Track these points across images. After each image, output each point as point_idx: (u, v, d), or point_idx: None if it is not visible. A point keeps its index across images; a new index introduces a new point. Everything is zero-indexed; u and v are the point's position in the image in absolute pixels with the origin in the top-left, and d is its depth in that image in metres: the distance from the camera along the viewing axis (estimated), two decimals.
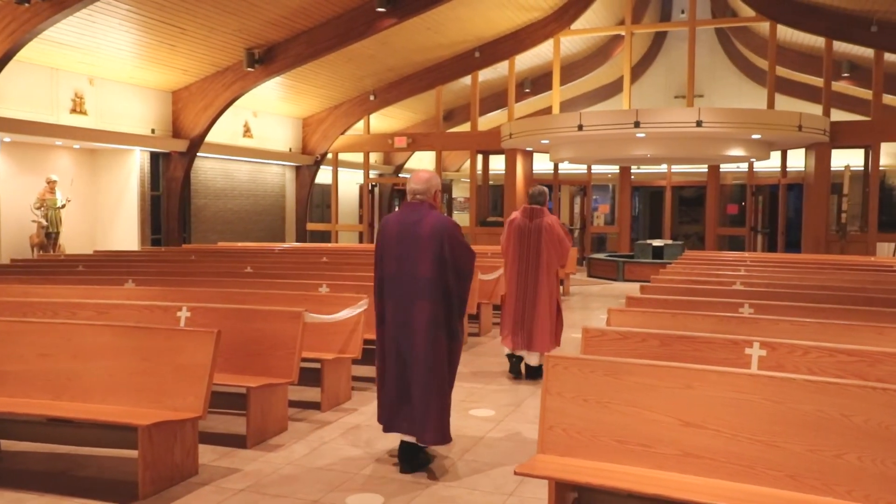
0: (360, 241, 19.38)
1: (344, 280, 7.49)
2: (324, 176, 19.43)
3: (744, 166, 19.40)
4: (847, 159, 16.17)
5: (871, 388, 3.02)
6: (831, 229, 15.09)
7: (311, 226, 18.90)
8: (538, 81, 19.73)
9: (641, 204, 24.80)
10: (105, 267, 9.22)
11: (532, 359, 6.72)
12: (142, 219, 14.68)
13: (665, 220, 18.05)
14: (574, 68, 19.26)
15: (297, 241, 18.38)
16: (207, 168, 16.39)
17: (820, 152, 14.74)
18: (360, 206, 21.27)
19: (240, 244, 14.85)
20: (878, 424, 2.97)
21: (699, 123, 12.84)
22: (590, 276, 16.04)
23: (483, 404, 5.86)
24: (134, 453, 4.24)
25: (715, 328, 4.87)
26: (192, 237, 15.92)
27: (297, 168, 18.69)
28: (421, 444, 4.35)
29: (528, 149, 16.89)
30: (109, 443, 4.22)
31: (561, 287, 9.70)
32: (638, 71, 22.22)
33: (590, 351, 4.39)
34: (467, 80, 17.70)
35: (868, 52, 15.32)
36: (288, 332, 5.08)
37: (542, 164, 18.43)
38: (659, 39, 23.02)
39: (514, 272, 6.82)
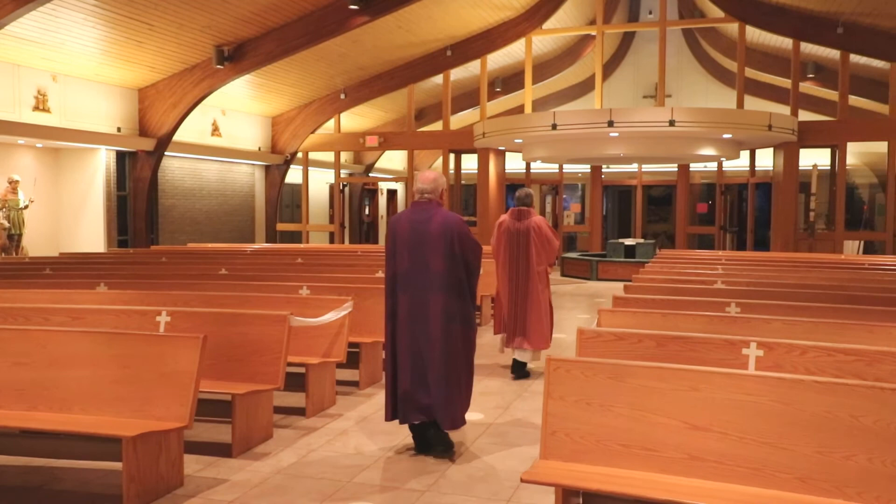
0: (332, 241, 19.17)
1: (324, 282, 7.35)
2: (293, 175, 19.19)
3: (711, 166, 19.62)
4: (813, 159, 16.42)
5: (880, 389, 2.99)
6: (800, 227, 15.30)
7: (281, 226, 18.65)
8: (509, 81, 19.71)
9: (610, 203, 24.96)
10: (73, 270, 8.95)
11: (524, 356, 6.79)
12: (108, 220, 14.33)
13: (636, 219, 18.14)
14: (544, 68, 19.28)
15: (266, 241, 18.13)
16: (175, 167, 16.07)
17: (788, 152, 14.94)
18: (331, 205, 21.07)
19: (210, 245, 14.58)
20: (887, 425, 2.95)
21: (672, 123, 12.91)
22: (563, 275, 16.06)
23: (472, 407, 5.76)
24: (115, 465, 4.09)
25: (707, 328, 4.84)
26: (160, 238, 15.59)
27: (267, 167, 18.43)
28: (443, 427, 4.57)
29: (500, 148, 16.85)
30: (90, 455, 4.05)
31: None
32: (606, 71, 22.31)
33: (585, 353, 4.33)
34: (438, 79, 17.61)
35: (832, 54, 15.56)
36: (273, 336, 4.94)
37: (514, 163, 18.42)
38: (627, 40, 23.18)
39: (506, 274, 6.88)
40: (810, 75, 16.96)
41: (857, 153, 19.93)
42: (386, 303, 4.72)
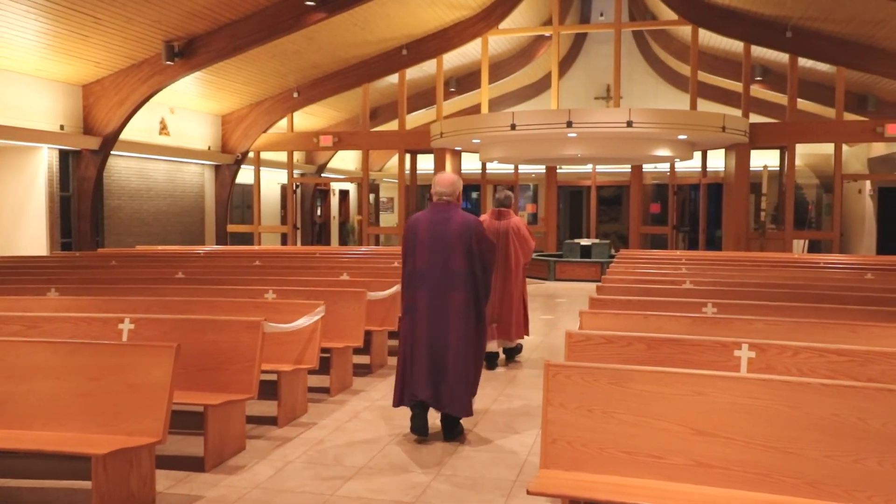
0: (284, 242, 18.78)
1: (290, 285, 7.11)
2: (244, 176, 18.75)
3: (661, 166, 19.89)
4: (761, 160, 16.75)
5: (888, 391, 2.96)
6: (751, 227, 15.58)
7: (232, 227, 18.20)
8: (463, 81, 19.65)
9: (561, 203, 25.12)
10: (18, 275, 8.50)
11: (509, 343, 7.32)
12: (50, 221, 13.73)
13: (591, 219, 18.25)
14: (498, 68, 19.24)
15: (217, 243, 17.65)
16: (122, 167, 15.51)
17: (740, 153, 15.20)
18: (283, 206, 20.66)
19: (160, 248, 14.12)
20: None
21: (630, 124, 12.99)
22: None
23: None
24: (81, 484, 3.83)
25: (691, 330, 4.81)
26: (106, 241, 15.02)
27: (217, 167, 17.96)
28: (454, 415, 4.89)
29: (457, 148, 16.75)
30: (55, 474, 3.79)
31: None
32: (558, 73, 22.45)
33: (574, 356, 4.23)
34: (393, 78, 17.42)
35: (779, 57, 15.90)
36: (246, 343, 4.72)
37: (470, 163, 18.34)
38: (578, 42, 23.35)
39: None
40: (758, 78, 17.31)
41: (800, 155, 20.35)
42: (403, 298, 5.08)
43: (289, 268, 9.18)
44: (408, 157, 17.82)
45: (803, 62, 15.28)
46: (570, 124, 13.12)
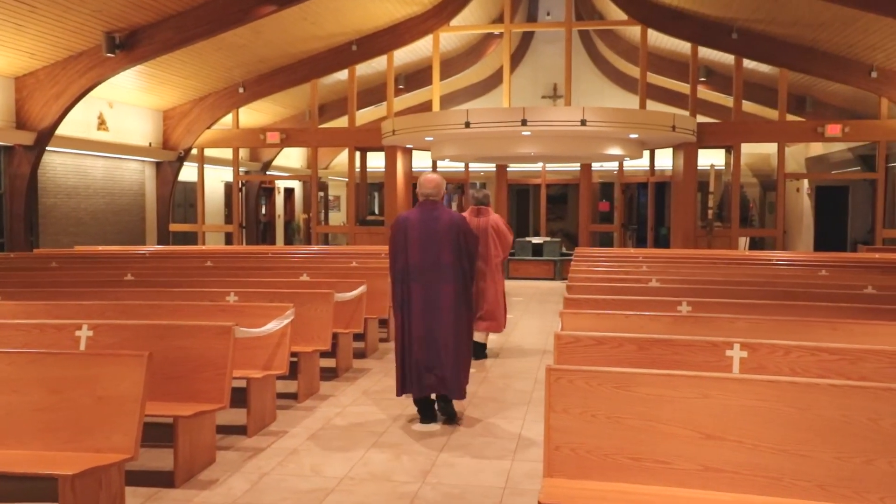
0: (229, 242, 18.28)
1: (250, 287, 6.84)
2: (186, 173, 18.15)
3: (607, 165, 20.06)
4: (707, 160, 17.05)
5: None
6: (698, 225, 15.82)
7: (174, 226, 17.59)
8: (411, 78, 19.44)
9: (509, 201, 25.17)
10: None
11: (481, 337, 7.49)
12: None
13: (541, 217, 18.29)
14: (446, 66, 19.07)
15: (158, 243, 17.05)
16: (57, 164, 14.81)
17: (688, 152, 15.42)
18: (226, 205, 20.11)
19: (100, 248, 13.55)
20: None
21: (584, 122, 13.02)
22: None
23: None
24: None
25: (672, 329, 4.76)
26: (42, 241, 14.32)
27: (158, 164, 17.33)
28: (451, 398, 5.29)
29: (408, 146, 16.56)
30: (14, 496, 3.48)
31: None
32: (502, 73, 22.47)
33: (564, 359, 4.13)
34: (340, 74, 17.12)
35: (722, 58, 16.19)
36: (216, 349, 4.47)
37: (420, 161, 18.18)
38: (525, 41, 23.42)
39: None
40: (702, 79, 17.60)
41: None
42: (394, 292, 5.36)
43: (244, 269, 8.87)
44: (357, 154, 17.52)
45: (745, 63, 15.57)
46: (524, 122, 13.08)
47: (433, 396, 5.39)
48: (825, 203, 19.38)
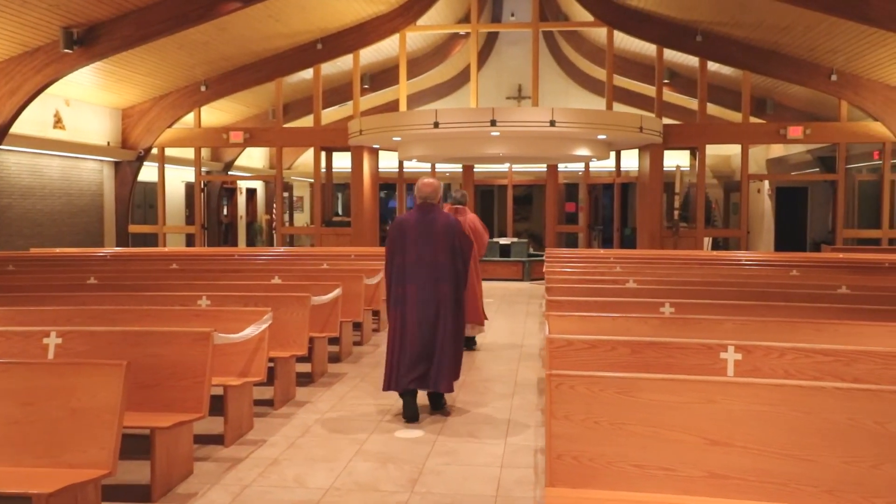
0: (190, 244, 17.88)
1: (221, 290, 6.64)
2: (145, 173, 17.69)
3: (571, 166, 20.11)
4: (672, 161, 17.19)
5: None
6: (664, 225, 15.94)
7: (134, 228, 17.13)
8: (376, 78, 19.27)
9: (475, 202, 25.12)
10: None
11: (481, 329, 7.95)
12: None
13: (508, 218, 18.27)
14: (411, 66, 18.94)
15: (117, 245, 16.60)
16: (12, 163, 14.31)
17: (654, 153, 15.53)
18: (187, 206, 19.69)
19: (58, 250, 13.13)
20: None
21: (553, 123, 13.02)
22: None
23: (405, 423, 5.35)
24: None
25: (660, 331, 4.72)
26: None
27: (117, 164, 16.87)
28: (440, 391, 5.49)
29: (375, 146, 16.39)
30: None
31: None
32: (467, 73, 22.41)
33: (557, 363, 4.05)
34: (304, 73, 16.88)
35: (685, 60, 16.34)
36: (194, 356, 4.29)
37: (386, 161, 18.02)
38: (490, 42, 23.40)
39: None
40: (665, 81, 17.75)
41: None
42: (390, 291, 5.57)
43: (212, 271, 8.64)
44: (323, 154, 17.29)
45: (708, 66, 15.72)
46: (493, 123, 13.02)
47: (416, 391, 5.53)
48: (785, 204, 19.73)
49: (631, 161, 17.64)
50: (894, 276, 8.27)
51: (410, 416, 5.34)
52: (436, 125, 13.32)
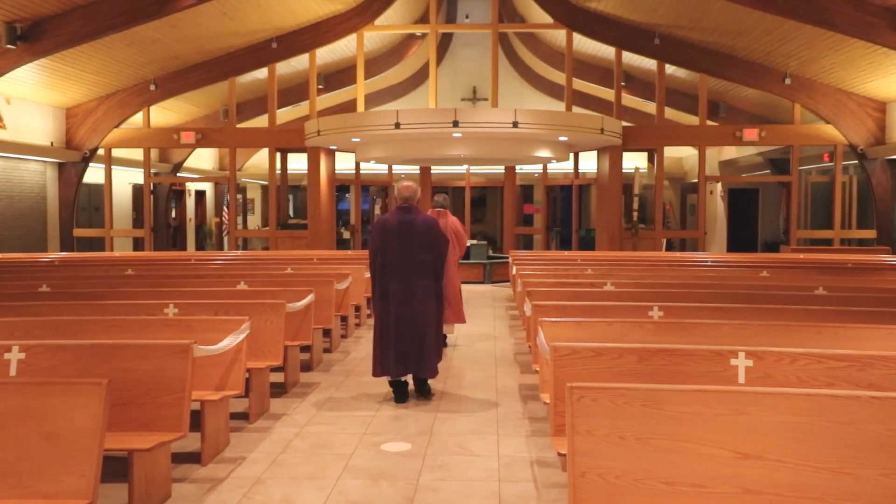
0: (138, 248, 17.24)
1: (187, 298, 6.29)
2: (91, 174, 16.98)
3: (527, 168, 20.04)
4: (629, 163, 17.27)
5: None
6: (623, 227, 15.98)
7: (79, 231, 16.42)
8: (331, 78, 18.92)
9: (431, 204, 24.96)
10: None
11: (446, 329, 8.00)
12: None
13: (465, 220, 18.08)
14: (366, 66, 18.66)
15: (62, 249, 15.89)
16: None
17: (613, 155, 15.57)
18: (134, 208, 19.01)
19: (0, 255, 12.45)
20: None
21: (516, 124, 12.91)
22: None
23: (389, 435, 5.12)
24: None
25: (657, 337, 4.61)
26: None
27: (61, 165, 16.16)
28: (424, 377, 6.02)
29: (332, 147, 16.05)
30: None
31: None
32: (423, 74, 22.25)
33: (562, 372, 3.88)
34: (257, 73, 16.44)
35: (642, 63, 16.45)
36: (173, 370, 3.99)
37: (343, 163, 17.68)
38: (444, 44, 23.23)
39: None
40: (622, 84, 17.85)
41: (645, 158, 21.19)
42: (374, 286, 6.02)
43: (171, 277, 8.24)
44: (278, 155, 16.86)
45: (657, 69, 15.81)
46: (456, 124, 12.84)
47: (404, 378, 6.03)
48: (737, 205, 20.06)
49: (587, 163, 17.67)
50: (864, 276, 8.38)
51: (400, 399, 5.89)
52: (397, 126, 13.08)
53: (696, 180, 20.99)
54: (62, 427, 3.10)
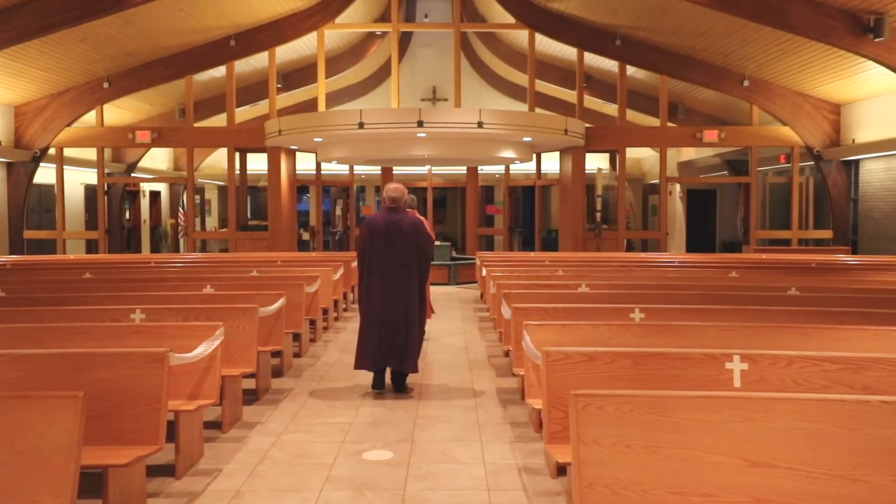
0: (91, 250, 16.71)
1: (155, 303, 6.04)
2: (40, 175, 16.39)
3: (487, 169, 20.01)
4: (589, 164, 17.33)
5: None
6: (586, 228, 16.02)
7: (29, 234, 15.83)
8: (289, 77, 18.60)
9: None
10: None
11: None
12: None
13: (428, 220, 17.95)
14: (326, 65, 18.40)
15: (11, 252, 15.30)
16: None
17: (576, 156, 15.60)
18: (87, 210, 18.44)
19: None
20: None
21: (481, 125, 12.84)
22: None
23: (369, 444, 4.97)
24: None
25: (643, 340, 4.55)
26: None
27: (10, 165, 15.56)
28: (404, 372, 6.22)
29: (293, 147, 15.77)
30: None
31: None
32: (384, 74, 22.08)
33: (555, 377, 3.78)
34: (214, 71, 16.07)
35: (602, 65, 16.54)
36: (147, 380, 3.79)
37: (303, 163, 17.41)
38: (403, 44, 23.04)
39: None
40: (583, 84, 17.92)
41: (605, 159, 21.31)
42: (360, 282, 6.31)
43: (133, 280, 7.95)
44: (237, 155, 16.50)
45: (622, 70, 15.92)
46: (421, 124, 12.72)
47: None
48: (695, 206, 20.33)
49: (548, 164, 17.71)
50: (832, 276, 8.49)
51: (378, 387, 6.19)
52: (361, 126, 12.89)
53: (656, 181, 21.29)
54: (34, 444, 2.89)
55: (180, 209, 21.17)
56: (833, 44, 11.29)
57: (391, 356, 6.10)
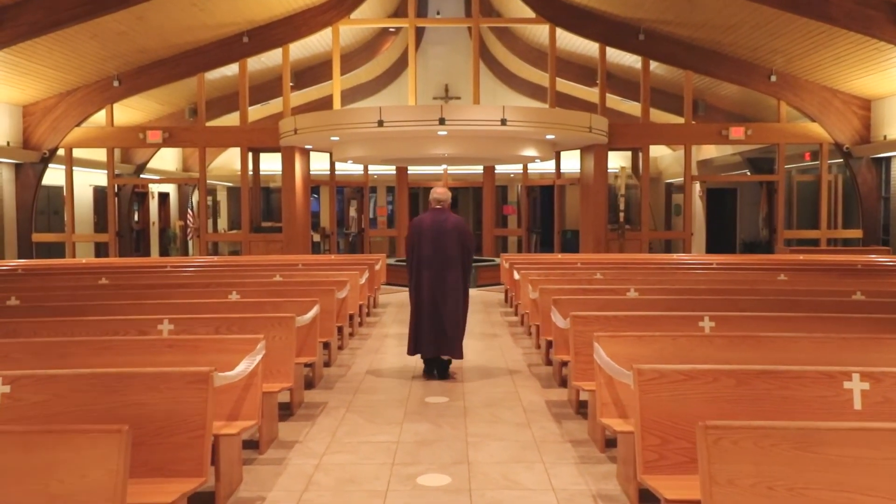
0: (103, 253, 16.31)
1: (182, 312, 5.63)
2: (49, 176, 16.01)
3: (503, 168, 19.59)
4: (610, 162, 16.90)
5: None
6: (609, 228, 15.60)
7: (38, 236, 15.44)
8: (301, 75, 18.21)
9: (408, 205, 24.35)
10: None
11: None
12: None
13: None
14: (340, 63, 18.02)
15: (20, 256, 14.91)
16: None
17: (598, 154, 15.18)
18: (96, 212, 18.05)
19: None
20: None
21: (504, 122, 12.42)
22: (387, 283, 14.97)
23: (422, 466, 4.55)
24: None
25: (728, 354, 4.13)
26: None
27: (18, 166, 15.17)
28: (455, 358, 6.79)
29: (307, 147, 15.36)
30: None
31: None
32: (396, 71, 21.69)
33: (650, 399, 3.36)
34: (225, 69, 15.67)
35: (621, 61, 16.11)
36: (190, 403, 3.38)
37: (318, 163, 17.01)
38: (415, 40, 22.65)
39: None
40: (597, 82, 17.48)
41: (622, 158, 20.89)
42: (410, 278, 6.79)
43: (154, 287, 7.53)
44: (250, 155, 16.10)
45: (642, 66, 15.49)
46: (442, 121, 12.31)
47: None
48: (715, 205, 19.88)
49: (566, 163, 17.28)
50: (890, 279, 8.05)
51: (429, 373, 6.76)
52: (380, 124, 12.48)
53: (671, 180, 20.86)
54: (72, 487, 2.48)
55: (189, 210, 20.76)
56: (874, 35, 10.85)
57: (443, 345, 6.60)
